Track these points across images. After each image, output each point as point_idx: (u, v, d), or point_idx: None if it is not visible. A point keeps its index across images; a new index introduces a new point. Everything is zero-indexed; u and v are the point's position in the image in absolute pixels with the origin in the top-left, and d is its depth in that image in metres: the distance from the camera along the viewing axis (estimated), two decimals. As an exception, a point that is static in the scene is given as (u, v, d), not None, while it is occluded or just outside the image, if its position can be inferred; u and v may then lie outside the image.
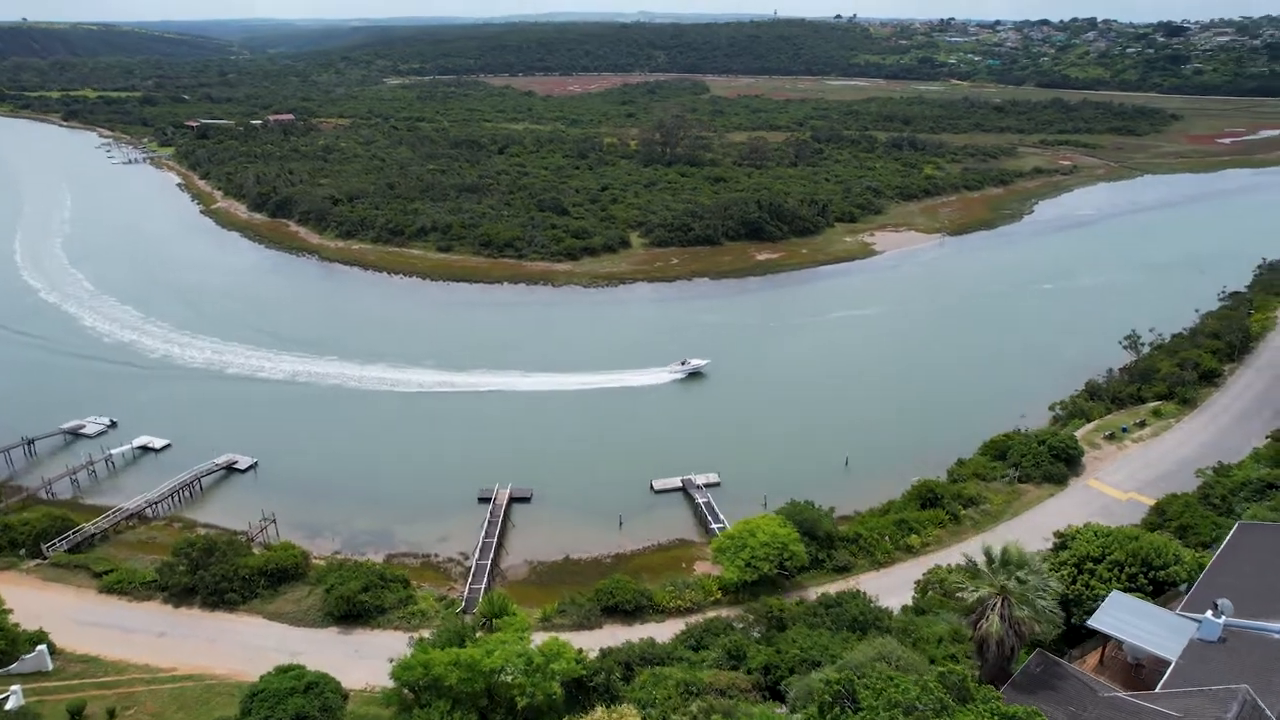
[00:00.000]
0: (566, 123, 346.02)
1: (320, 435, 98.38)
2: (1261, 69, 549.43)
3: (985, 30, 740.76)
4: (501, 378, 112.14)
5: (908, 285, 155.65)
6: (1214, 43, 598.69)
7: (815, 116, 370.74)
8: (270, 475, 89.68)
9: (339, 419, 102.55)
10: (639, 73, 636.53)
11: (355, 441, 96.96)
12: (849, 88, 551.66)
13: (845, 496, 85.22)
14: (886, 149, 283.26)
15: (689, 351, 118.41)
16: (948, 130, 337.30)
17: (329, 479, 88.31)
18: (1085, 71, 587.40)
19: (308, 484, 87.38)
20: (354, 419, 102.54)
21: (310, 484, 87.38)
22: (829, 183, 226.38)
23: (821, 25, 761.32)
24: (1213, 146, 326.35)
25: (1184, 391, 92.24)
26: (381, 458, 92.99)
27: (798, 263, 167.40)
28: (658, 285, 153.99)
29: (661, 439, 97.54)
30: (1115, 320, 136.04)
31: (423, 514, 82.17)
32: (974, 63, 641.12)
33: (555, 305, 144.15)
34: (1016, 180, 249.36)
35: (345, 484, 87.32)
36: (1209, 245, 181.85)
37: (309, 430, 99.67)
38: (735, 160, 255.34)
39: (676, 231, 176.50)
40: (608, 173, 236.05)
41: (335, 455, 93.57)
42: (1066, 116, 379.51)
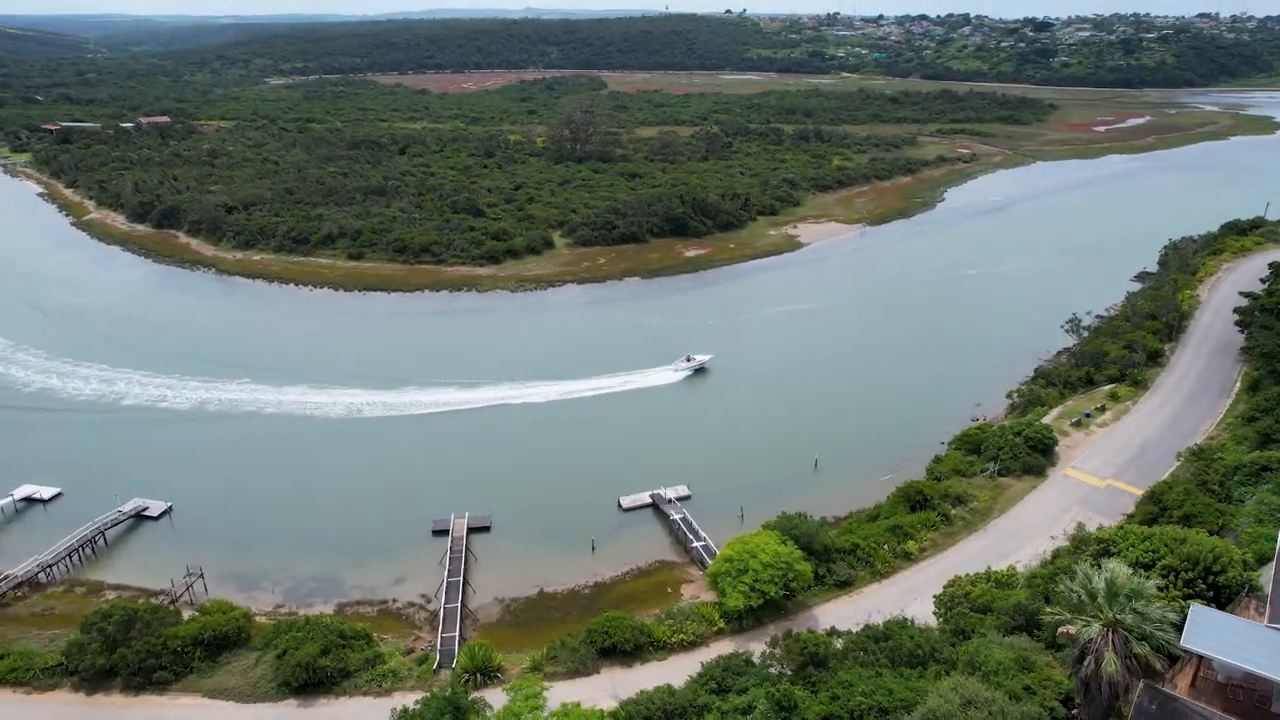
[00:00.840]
0: (467, 120, 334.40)
1: (242, 470, 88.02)
2: (1119, 62, 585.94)
3: (869, 24, 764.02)
4: (439, 394, 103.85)
5: (840, 277, 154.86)
6: (1076, 38, 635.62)
7: (718, 110, 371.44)
8: (189, 521, 79.12)
9: (261, 450, 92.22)
10: (533, 69, 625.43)
11: (284, 475, 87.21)
12: (743, 81, 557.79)
13: (821, 500, 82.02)
14: (794, 141, 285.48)
15: (630, 356, 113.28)
16: (848, 122, 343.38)
17: (259, 520, 78.59)
18: (965, 64, 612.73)
19: (235, 528, 77.39)
20: (279, 449, 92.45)
21: (238, 528, 77.42)
22: (743, 176, 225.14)
23: (712, 20, 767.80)
24: (1090, 134, 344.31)
25: (1135, 374, 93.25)
26: (317, 491, 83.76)
27: (727, 258, 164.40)
28: (589, 287, 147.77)
29: (622, 452, 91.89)
30: (1044, 304, 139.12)
31: (372, 554, 73.81)
32: (862, 56, 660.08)
33: (484, 312, 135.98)
34: (923, 169, 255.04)
35: (279, 525, 77.87)
36: (1109, 228, 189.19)
37: (228, 465, 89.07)
38: (646, 155, 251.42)
39: (601, 230, 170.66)
40: (519, 171, 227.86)
41: (263, 492, 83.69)
42: (956, 106, 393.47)
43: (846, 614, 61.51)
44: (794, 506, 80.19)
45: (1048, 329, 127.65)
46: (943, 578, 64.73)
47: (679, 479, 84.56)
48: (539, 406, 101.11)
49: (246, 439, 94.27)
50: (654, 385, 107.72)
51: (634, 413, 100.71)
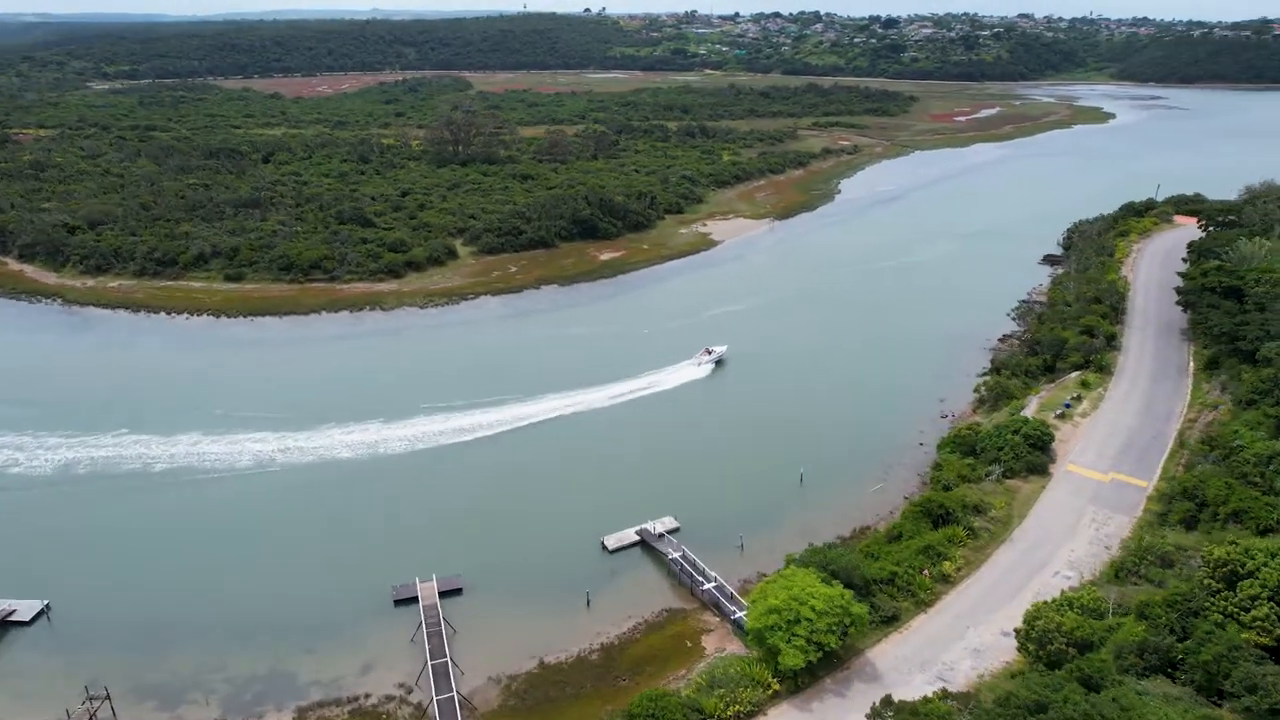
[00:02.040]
0: (331, 125, 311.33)
1: (136, 546, 72.63)
2: (961, 57, 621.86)
3: (727, 22, 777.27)
4: (364, 432, 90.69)
5: (763, 275, 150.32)
6: (921, 34, 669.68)
7: (595, 109, 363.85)
8: (75, 622, 63.60)
9: (156, 517, 76.64)
10: (390, 71, 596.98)
11: (192, 546, 72.44)
12: (610, 80, 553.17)
13: (818, 519, 76.05)
14: (680, 138, 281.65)
15: (565, 372, 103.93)
16: (726, 117, 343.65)
17: (170, 610, 64.15)
18: (822, 59, 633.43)
19: (140, 624, 62.68)
20: (179, 514, 77.11)
21: (143, 623, 62.74)
22: (639, 174, 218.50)
23: (573, 19, 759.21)
24: (953, 124, 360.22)
25: (1099, 359, 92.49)
26: (239, 564, 69.80)
27: (643, 260, 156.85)
28: (505, 298, 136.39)
29: (593, 485, 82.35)
30: (969, 291, 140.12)
31: (326, 636, 61.35)
32: (723, 53, 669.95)
33: (394, 333, 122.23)
34: (812, 162, 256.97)
35: (198, 613, 63.74)
36: (999, 213, 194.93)
37: (116, 541, 73.38)
38: (534, 156, 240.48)
39: (506, 236, 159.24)
40: (401, 176, 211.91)
41: (168, 572, 68.92)
42: (826, 100, 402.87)
43: (903, 655, 55.07)
44: (791, 529, 74.76)
45: (983, 316, 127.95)
46: (988, 600, 59.67)
47: (660, 509, 76.26)
48: (488, 440, 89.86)
49: (135, 505, 78.27)
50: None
51: (594, 439, 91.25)
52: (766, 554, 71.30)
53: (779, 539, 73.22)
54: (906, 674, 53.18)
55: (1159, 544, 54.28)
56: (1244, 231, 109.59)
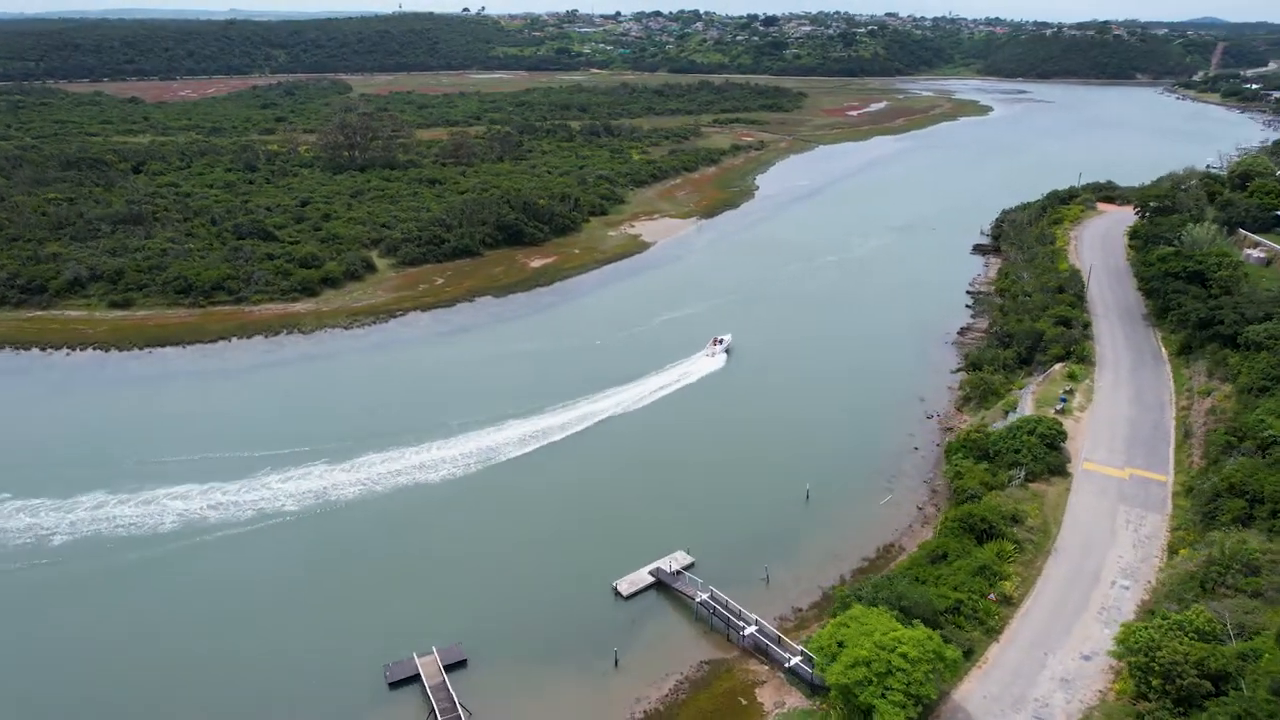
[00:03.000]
0: (204, 131, 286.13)
1: (42, 639, 59.37)
2: (841, 54, 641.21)
3: (609, 21, 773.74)
4: (307, 478, 79.07)
5: (705, 276, 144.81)
6: (800, 31, 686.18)
7: (489, 110, 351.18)
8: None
9: (65, 601, 63.32)
10: (259, 74, 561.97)
11: (117, 635, 59.92)
12: (495, 80, 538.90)
13: (838, 539, 70.89)
14: (586, 137, 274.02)
15: (520, 394, 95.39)
16: (624, 115, 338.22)
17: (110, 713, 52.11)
18: (707, 57, 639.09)
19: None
20: (92, 595, 64.03)
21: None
22: (550, 175, 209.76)
23: (452, 19, 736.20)
24: (846, 118, 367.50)
25: (1080, 349, 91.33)
26: (167, 662, 57.85)
27: (578, 265, 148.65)
28: (437, 313, 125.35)
29: (584, 521, 74.08)
30: (915, 284, 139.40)
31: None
32: (607, 52, 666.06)
33: (321, 359, 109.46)
34: (723, 159, 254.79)
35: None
36: (918, 204, 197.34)
37: (12, 635, 59.85)
38: (436, 159, 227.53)
39: (428, 246, 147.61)
40: (295, 185, 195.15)
41: (87, 667, 56.39)
42: (720, 97, 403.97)
43: (991, 693, 49.91)
44: (812, 554, 69.25)
45: (935, 309, 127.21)
46: (1055, 621, 55.48)
47: (665, 542, 69.10)
48: (455, 479, 79.95)
49: (32, 587, 64.62)
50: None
51: (575, 469, 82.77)
52: (793, 585, 65.39)
53: (803, 567, 67.53)
54: (1002, 717, 48.05)
55: (1242, 550, 51.32)
56: (1184, 217, 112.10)
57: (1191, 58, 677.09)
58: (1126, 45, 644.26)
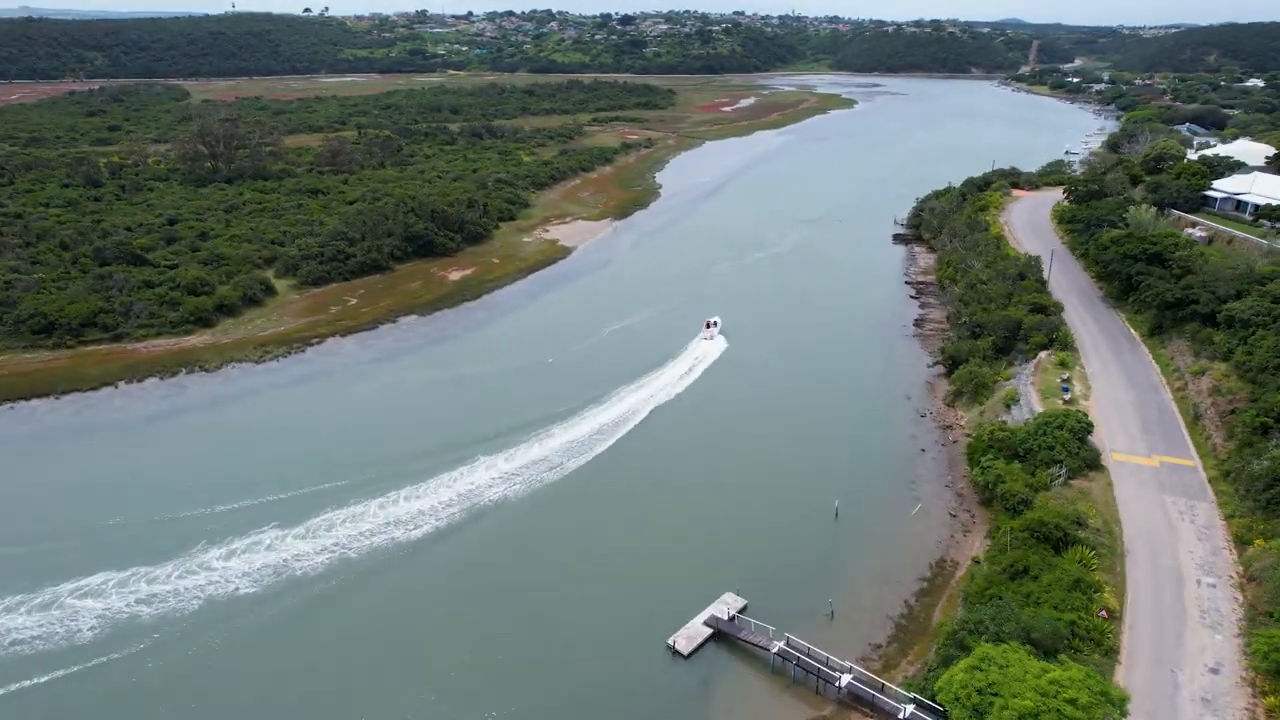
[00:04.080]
0: (19, 143, 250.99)
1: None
2: (700, 51, 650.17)
3: (461, 21, 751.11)
4: (257, 548, 66.11)
5: (639, 280, 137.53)
6: (658, 30, 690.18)
7: (353, 113, 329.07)
8: None
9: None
10: (72, 78, 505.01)
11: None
12: (347, 84, 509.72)
13: (882, 562, 65.70)
14: (468, 139, 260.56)
15: (480, 426, 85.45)
16: (499, 116, 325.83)
17: None
18: (567, 57, 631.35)
19: None
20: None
21: None
22: (442, 180, 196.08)
23: (294, 20, 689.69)
24: (721, 114, 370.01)
25: (1062, 336, 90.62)
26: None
27: (501, 276, 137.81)
28: (360, 338, 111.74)
29: (600, 567, 65.24)
30: (852, 279, 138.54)
31: None
32: (463, 53, 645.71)
33: (236, 400, 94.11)
34: (616, 158, 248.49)
35: None
36: (821, 197, 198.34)
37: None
38: (312, 168, 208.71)
39: (331, 263, 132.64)
40: (155, 201, 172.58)
41: None
42: (593, 96, 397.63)
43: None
44: (864, 579, 63.75)
45: (881, 302, 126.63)
46: (1162, 632, 52.02)
47: (704, 583, 61.62)
48: (438, 533, 69.02)
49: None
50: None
51: (572, 506, 73.58)
52: (857, 617, 59.43)
53: (859, 595, 61.75)
54: (1161, 754, 43.75)
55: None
56: (1116, 200, 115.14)
57: (1013, 53, 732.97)
58: (960, 42, 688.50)
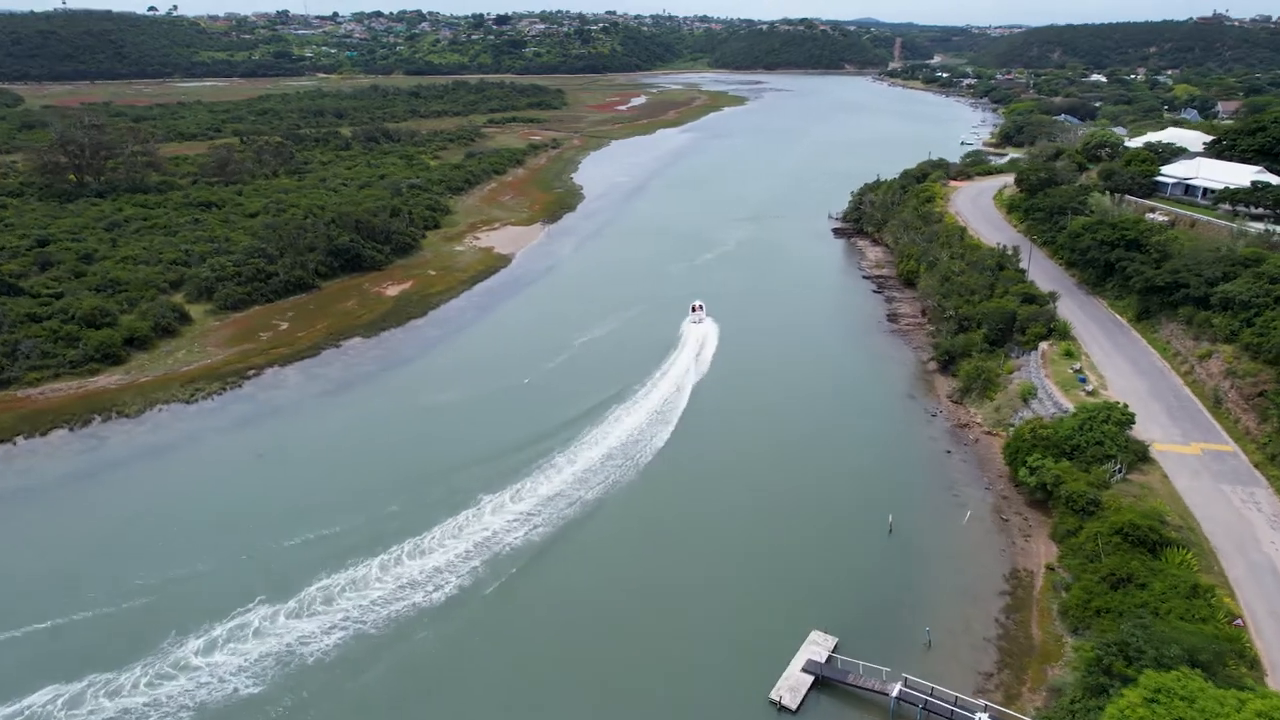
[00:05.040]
0: None
1: None
2: (580, 51, 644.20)
3: (327, 22, 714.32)
4: (245, 634, 55.40)
5: (590, 288, 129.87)
6: (536, 30, 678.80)
7: (225, 119, 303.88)
8: None
9: None
10: None
11: None
12: (207, 88, 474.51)
13: (954, 578, 61.76)
14: (363, 144, 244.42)
15: (473, 464, 76.86)
16: (388, 119, 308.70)
17: None
18: (444, 58, 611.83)
19: None
20: None
21: None
22: (348, 188, 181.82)
23: (139, 20, 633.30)
24: (616, 113, 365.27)
25: (1061, 326, 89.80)
26: None
27: (444, 289, 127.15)
28: (303, 366, 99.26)
29: (656, 616, 57.96)
30: (807, 277, 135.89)
31: None
32: (333, 55, 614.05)
33: (172, 450, 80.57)
34: (526, 159, 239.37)
35: None
36: (749, 193, 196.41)
37: None
38: (197, 178, 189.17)
39: (252, 283, 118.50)
40: (15, 221, 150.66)
41: None
42: (482, 97, 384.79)
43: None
44: (939, 597, 59.71)
45: (846, 298, 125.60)
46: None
47: (779, 622, 55.87)
48: (462, 591, 60.01)
49: None
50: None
51: (599, 547, 66.00)
52: (954, 643, 54.89)
53: (947, 616, 57.27)
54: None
55: None
56: (1070, 188, 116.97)
57: (880, 50, 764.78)
58: (831, 39, 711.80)
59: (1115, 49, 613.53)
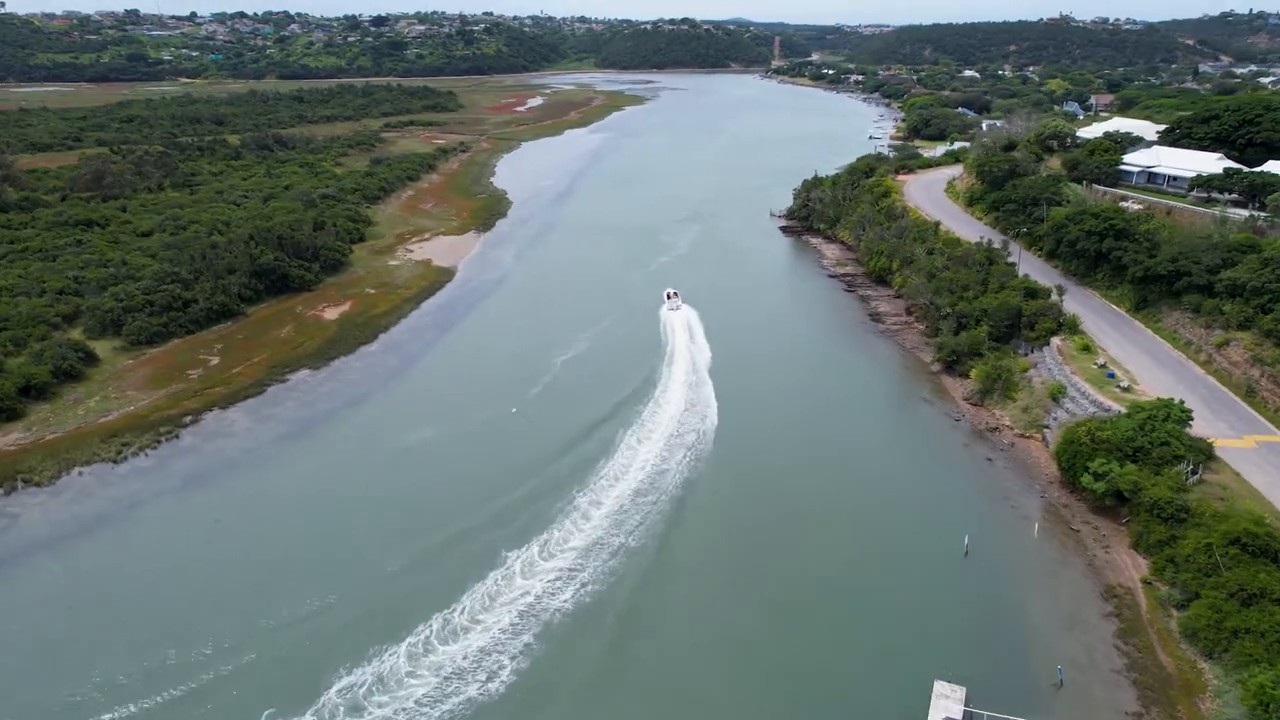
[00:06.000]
0: None
1: None
2: (465, 52, 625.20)
3: (185, 23, 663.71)
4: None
5: (550, 300, 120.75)
6: (415, 31, 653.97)
7: (85, 128, 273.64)
8: None
9: None
10: None
11: None
12: (50, 94, 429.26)
13: (1055, 602, 57.13)
14: (256, 153, 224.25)
15: (477, 510, 67.54)
16: (274, 125, 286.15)
17: None
18: (320, 61, 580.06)
19: None
20: None
21: None
22: (251, 200, 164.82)
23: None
24: (516, 114, 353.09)
25: (1070, 320, 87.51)
26: None
27: (388, 310, 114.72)
28: (251, 409, 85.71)
29: (760, 683, 50.57)
30: (771, 276, 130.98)
31: None
32: (195, 59, 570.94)
33: (104, 525, 66.49)
34: (438, 164, 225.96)
35: None
36: (681, 194, 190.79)
37: None
38: (68, 193, 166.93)
39: (168, 313, 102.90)
40: None
41: None
42: (371, 101, 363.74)
43: None
44: (1044, 625, 55.48)
45: (818, 297, 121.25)
46: None
47: (889, 670, 49.74)
48: (515, 688, 50.67)
49: None
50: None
51: (670, 599, 57.96)
52: (1082, 677, 50.22)
53: (1064, 647, 52.49)
54: None
55: None
56: (1039, 178, 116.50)
57: (761, 49, 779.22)
58: (715, 38, 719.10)
59: (980, 47, 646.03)
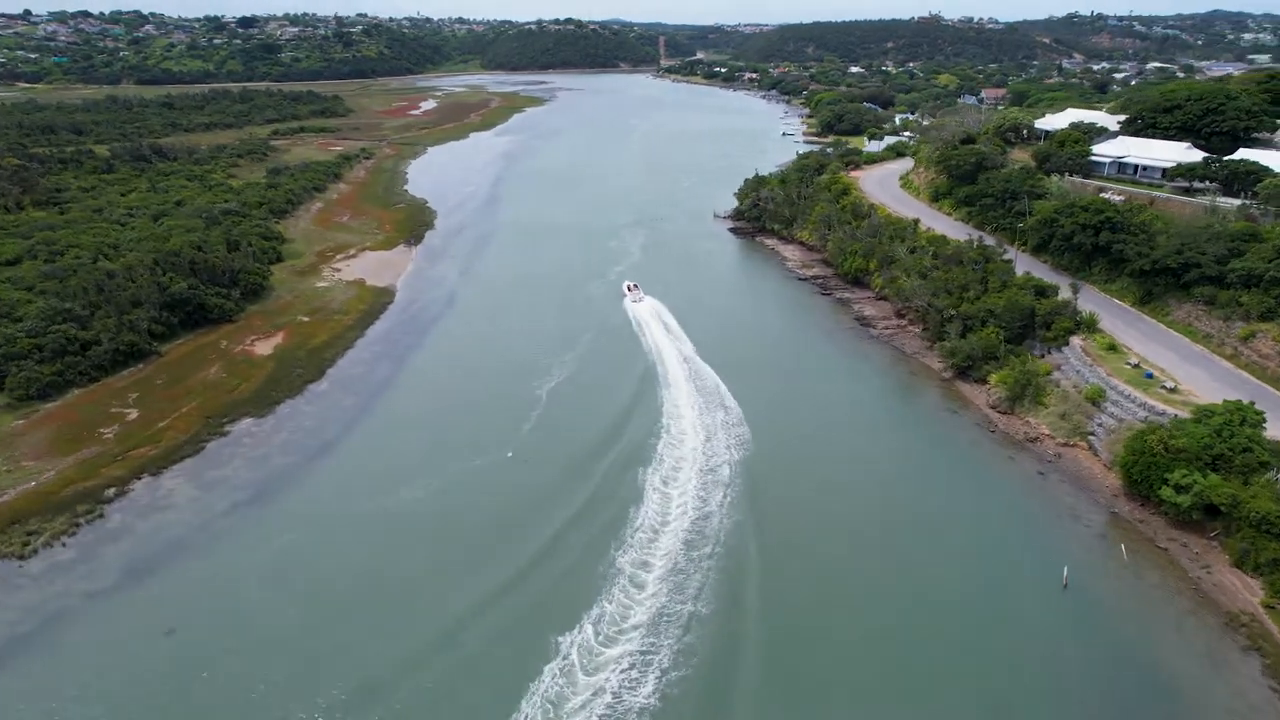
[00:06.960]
0: None
1: None
2: (344, 55, 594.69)
3: (18, 21, 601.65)
4: None
5: (513, 320, 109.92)
6: (288, 33, 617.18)
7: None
8: None
9: None
10: None
11: None
12: None
13: (1159, 629, 51.86)
14: (132, 164, 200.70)
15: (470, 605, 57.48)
16: (145, 135, 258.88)
17: None
18: (185, 64, 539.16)
19: None
20: None
21: None
22: (139, 219, 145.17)
23: None
24: (412, 118, 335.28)
25: (1087, 318, 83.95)
26: None
27: (328, 340, 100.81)
28: (189, 471, 71.27)
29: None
30: (740, 283, 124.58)
31: None
32: (35, 61, 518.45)
33: (22, 648, 52.43)
34: (344, 173, 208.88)
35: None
36: (614, 197, 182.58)
37: None
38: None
39: (63, 358, 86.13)
40: None
41: None
42: (252, 108, 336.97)
43: None
44: (1183, 668, 49.41)
45: (797, 300, 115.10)
46: None
47: None
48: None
49: None
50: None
51: (763, 678, 49.36)
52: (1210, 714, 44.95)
53: (1217, 696, 47.18)
54: None
55: None
56: (1010, 170, 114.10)
57: (647, 48, 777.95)
58: (602, 38, 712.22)
59: (859, 44, 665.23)
